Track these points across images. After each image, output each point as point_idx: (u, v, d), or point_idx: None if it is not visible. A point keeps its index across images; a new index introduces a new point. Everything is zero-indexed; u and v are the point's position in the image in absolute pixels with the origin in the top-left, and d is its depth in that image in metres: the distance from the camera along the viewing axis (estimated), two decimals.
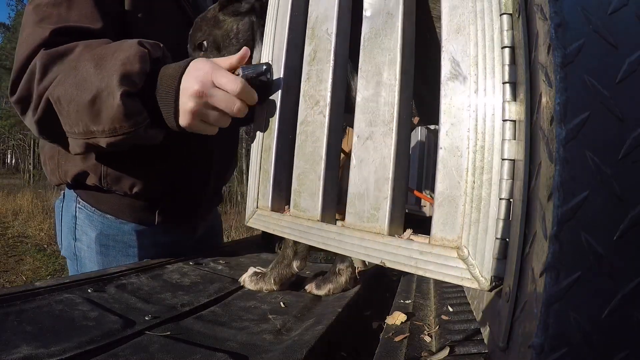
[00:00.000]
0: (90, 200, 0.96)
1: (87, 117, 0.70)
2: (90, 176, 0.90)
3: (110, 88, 0.67)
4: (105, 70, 0.68)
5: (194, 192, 1.04)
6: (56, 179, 0.96)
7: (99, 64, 0.70)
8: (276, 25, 0.73)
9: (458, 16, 0.44)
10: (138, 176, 0.92)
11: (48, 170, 0.98)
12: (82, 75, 0.70)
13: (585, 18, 0.31)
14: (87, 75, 0.70)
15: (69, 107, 0.71)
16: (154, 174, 0.94)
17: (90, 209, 0.96)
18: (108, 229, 0.95)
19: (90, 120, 0.70)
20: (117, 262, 0.95)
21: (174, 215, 1.02)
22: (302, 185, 0.64)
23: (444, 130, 0.44)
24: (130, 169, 0.91)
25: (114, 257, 0.96)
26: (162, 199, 0.98)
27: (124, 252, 0.96)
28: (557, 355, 0.29)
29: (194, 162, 1.00)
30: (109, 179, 0.90)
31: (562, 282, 0.29)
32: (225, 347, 0.54)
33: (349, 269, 0.81)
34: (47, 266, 4.70)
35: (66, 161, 0.92)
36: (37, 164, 15.35)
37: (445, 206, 0.43)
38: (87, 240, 0.96)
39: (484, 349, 0.50)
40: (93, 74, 0.69)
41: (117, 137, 0.71)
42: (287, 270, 0.82)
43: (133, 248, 0.97)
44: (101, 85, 0.68)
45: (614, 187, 0.29)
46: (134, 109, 0.69)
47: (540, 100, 0.33)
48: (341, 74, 0.63)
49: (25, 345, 0.49)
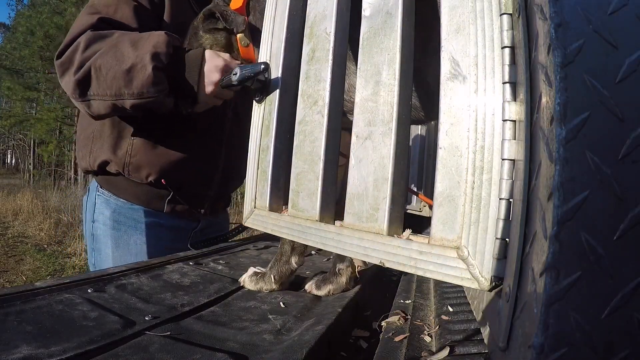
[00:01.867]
0: (109, 187, 1.15)
1: (122, 82, 0.91)
2: (112, 164, 1.10)
3: (144, 62, 0.89)
4: (140, 49, 0.90)
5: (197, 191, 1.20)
6: (85, 164, 1.16)
7: (135, 44, 0.91)
8: (274, 24, 0.73)
9: (458, 16, 0.44)
10: (153, 167, 1.10)
11: (79, 156, 1.19)
12: (121, 52, 0.91)
13: (585, 18, 0.31)
14: (125, 51, 0.91)
15: (107, 74, 0.91)
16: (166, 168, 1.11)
17: (107, 195, 1.15)
18: (121, 209, 1.14)
19: (124, 85, 0.91)
20: (127, 235, 1.13)
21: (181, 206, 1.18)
22: (301, 185, 0.63)
23: (443, 130, 0.44)
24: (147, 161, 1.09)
25: (125, 232, 1.13)
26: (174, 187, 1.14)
27: (133, 227, 1.14)
28: (557, 355, 0.29)
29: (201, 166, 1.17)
30: (131, 167, 1.09)
31: (562, 282, 0.29)
32: (225, 347, 0.54)
33: (349, 268, 0.81)
34: (47, 266, 4.70)
35: (98, 149, 1.12)
36: (37, 164, 15.35)
37: (445, 206, 0.43)
38: (103, 219, 1.15)
39: (484, 349, 0.50)
40: (130, 51, 0.90)
41: (142, 100, 0.92)
42: (286, 267, 0.82)
43: (141, 224, 1.14)
44: (136, 60, 0.89)
45: (614, 187, 0.29)
46: (160, 79, 0.90)
47: (540, 100, 0.33)
48: (340, 74, 0.63)
49: (25, 345, 0.49)
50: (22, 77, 12.53)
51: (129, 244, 1.13)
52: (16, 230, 6.49)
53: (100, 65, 0.92)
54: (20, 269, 4.52)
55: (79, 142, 1.21)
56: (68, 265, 4.75)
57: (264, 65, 0.71)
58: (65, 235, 6.11)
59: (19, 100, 12.64)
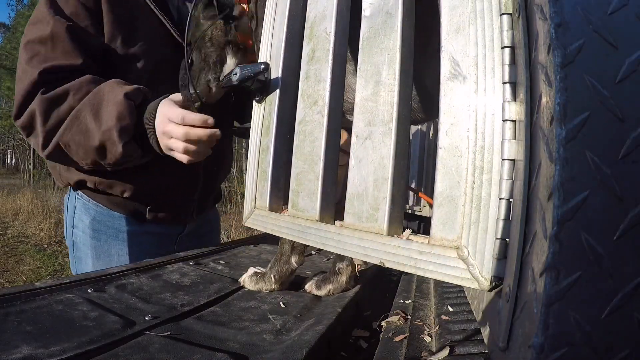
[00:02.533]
0: (87, 193, 1.09)
1: (95, 156, 0.92)
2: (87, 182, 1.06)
3: (112, 139, 0.88)
4: (104, 124, 0.88)
5: (182, 195, 1.14)
6: (61, 183, 1.12)
7: (97, 116, 0.89)
8: (274, 24, 0.73)
9: (458, 16, 0.44)
10: (127, 183, 1.05)
11: (54, 175, 1.15)
12: (85, 126, 0.90)
13: (585, 18, 0.31)
14: (90, 126, 0.89)
15: (77, 149, 0.92)
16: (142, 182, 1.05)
17: (86, 199, 1.09)
18: (100, 216, 1.08)
19: (97, 158, 0.93)
20: (108, 245, 1.07)
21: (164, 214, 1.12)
22: (301, 185, 0.63)
23: (443, 130, 0.44)
24: (119, 178, 1.04)
25: (105, 242, 1.07)
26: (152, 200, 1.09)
27: (114, 237, 1.08)
28: (557, 355, 0.29)
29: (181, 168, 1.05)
30: (103, 185, 1.05)
31: (562, 282, 0.29)
32: (225, 347, 0.54)
33: (349, 267, 0.81)
34: (47, 266, 4.70)
35: (66, 171, 1.08)
36: (37, 164, 15.35)
37: (445, 206, 0.43)
38: (82, 226, 1.09)
39: (484, 349, 0.50)
40: (94, 126, 0.89)
41: (119, 166, 0.95)
42: (286, 267, 0.82)
43: (123, 233, 1.08)
44: (103, 137, 0.89)
45: (614, 187, 0.29)
46: (132, 150, 0.92)
47: (540, 100, 0.33)
48: (340, 74, 0.63)
49: (25, 345, 0.49)
50: None
51: (111, 255, 1.07)
52: (16, 230, 6.49)
53: (68, 142, 0.91)
54: (20, 269, 4.52)
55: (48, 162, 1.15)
56: (68, 265, 4.73)
57: (264, 65, 0.71)
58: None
59: None
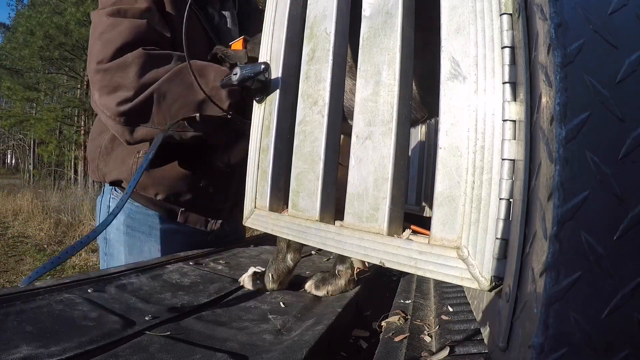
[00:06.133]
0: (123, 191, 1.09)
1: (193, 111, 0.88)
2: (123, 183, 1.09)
3: (220, 96, 0.88)
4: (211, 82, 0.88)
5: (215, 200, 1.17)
6: (96, 177, 1.14)
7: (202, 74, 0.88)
8: (274, 24, 0.73)
9: (458, 16, 0.44)
10: (160, 187, 1.08)
11: (89, 168, 1.17)
12: (189, 80, 0.87)
13: (585, 18, 0.31)
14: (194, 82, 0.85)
15: (173, 102, 0.88)
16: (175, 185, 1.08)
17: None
18: (135, 214, 1.10)
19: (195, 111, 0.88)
20: (140, 242, 1.10)
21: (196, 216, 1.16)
22: (301, 185, 0.63)
23: (443, 130, 0.44)
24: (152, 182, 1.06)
25: (139, 239, 1.10)
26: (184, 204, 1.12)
27: (147, 234, 1.10)
28: (557, 355, 0.29)
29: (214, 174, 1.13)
30: (138, 186, 1.03)
31: (562, 282, 0.29)
32: (225, 347, 0.54)
33: (349, 270, 0.81)
34: None
35: (105, 166, 1.09)
36: (37, 164, 15.36)
37: (445, 206, 0.43)
38: (117, 223, 1.09)
39: (484, 349, 0.50)
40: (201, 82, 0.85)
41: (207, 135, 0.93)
42: (283, 265, 0.82)
43: (156, 231, 1.11)
44: (211, 92, 0.87)
45: (614, 187, 0.29)
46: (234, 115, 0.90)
47: (540, 100, 0.33)
48: (340, 74, 0.63)
49: (25, 345, 0.49)
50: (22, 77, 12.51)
51: (143, 251, 1.10)
52: (16, 230, 6.49)
53: (165, 93, 0.88)
54: (20, 269, 4.52)
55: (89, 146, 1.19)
56: (68, 265, 4.75)
57: (264, 65, 0.71)
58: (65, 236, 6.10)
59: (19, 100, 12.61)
